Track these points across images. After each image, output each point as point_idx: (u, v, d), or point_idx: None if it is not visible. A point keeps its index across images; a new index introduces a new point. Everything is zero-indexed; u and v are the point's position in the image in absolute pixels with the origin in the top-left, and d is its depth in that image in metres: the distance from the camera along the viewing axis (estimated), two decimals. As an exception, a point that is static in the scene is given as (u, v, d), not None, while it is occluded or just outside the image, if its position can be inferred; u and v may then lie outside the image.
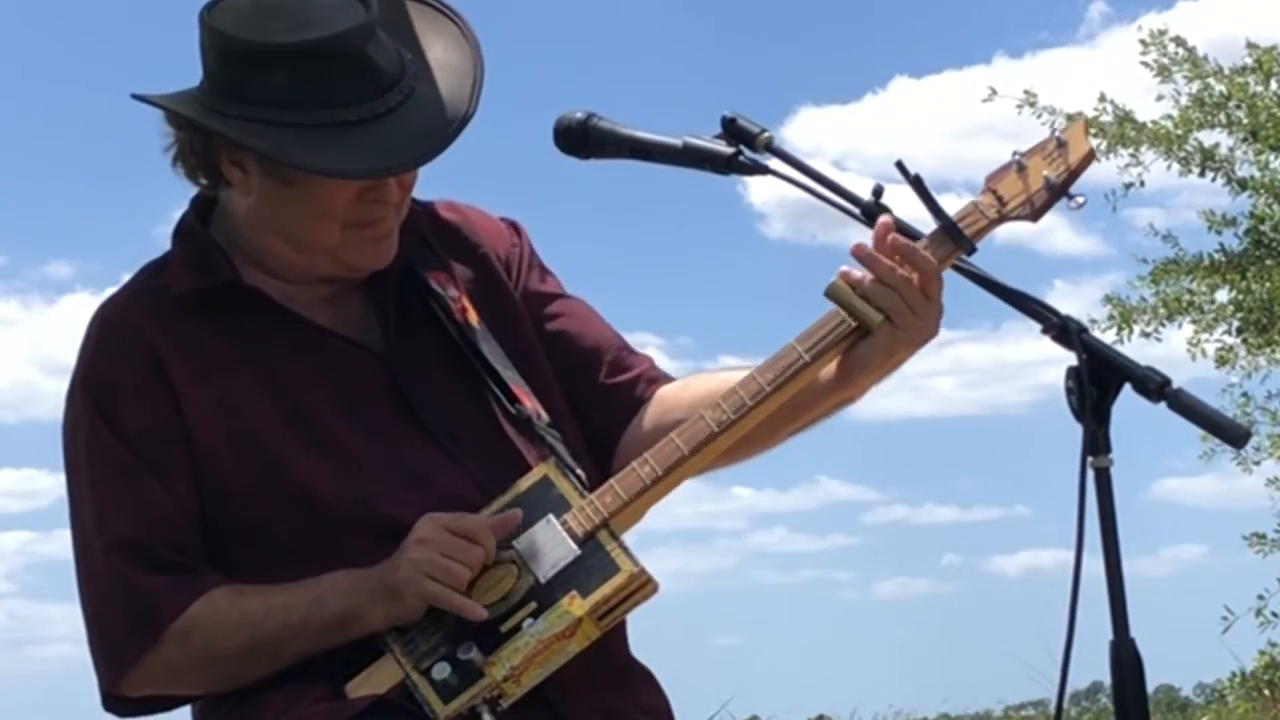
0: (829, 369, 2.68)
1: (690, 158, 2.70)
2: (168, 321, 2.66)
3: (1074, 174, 2.65)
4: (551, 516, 2.60)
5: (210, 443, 2.62)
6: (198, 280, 2.68)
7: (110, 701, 2.66)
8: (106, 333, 2.69)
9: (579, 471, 2.67)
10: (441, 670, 2.53)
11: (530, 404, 2.72)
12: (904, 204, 2.65)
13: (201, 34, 2.62)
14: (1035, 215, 2.65)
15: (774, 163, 2.67)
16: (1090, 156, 2.66)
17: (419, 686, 2.53)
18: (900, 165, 2.56)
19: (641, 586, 2.57)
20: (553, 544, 2.59)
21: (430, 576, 2.53)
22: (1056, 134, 2.67)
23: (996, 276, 2.60)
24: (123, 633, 2.59)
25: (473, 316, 2.77)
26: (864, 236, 2.65)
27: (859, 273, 2.62)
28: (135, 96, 2.61)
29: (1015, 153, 2.67)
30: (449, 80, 2.65)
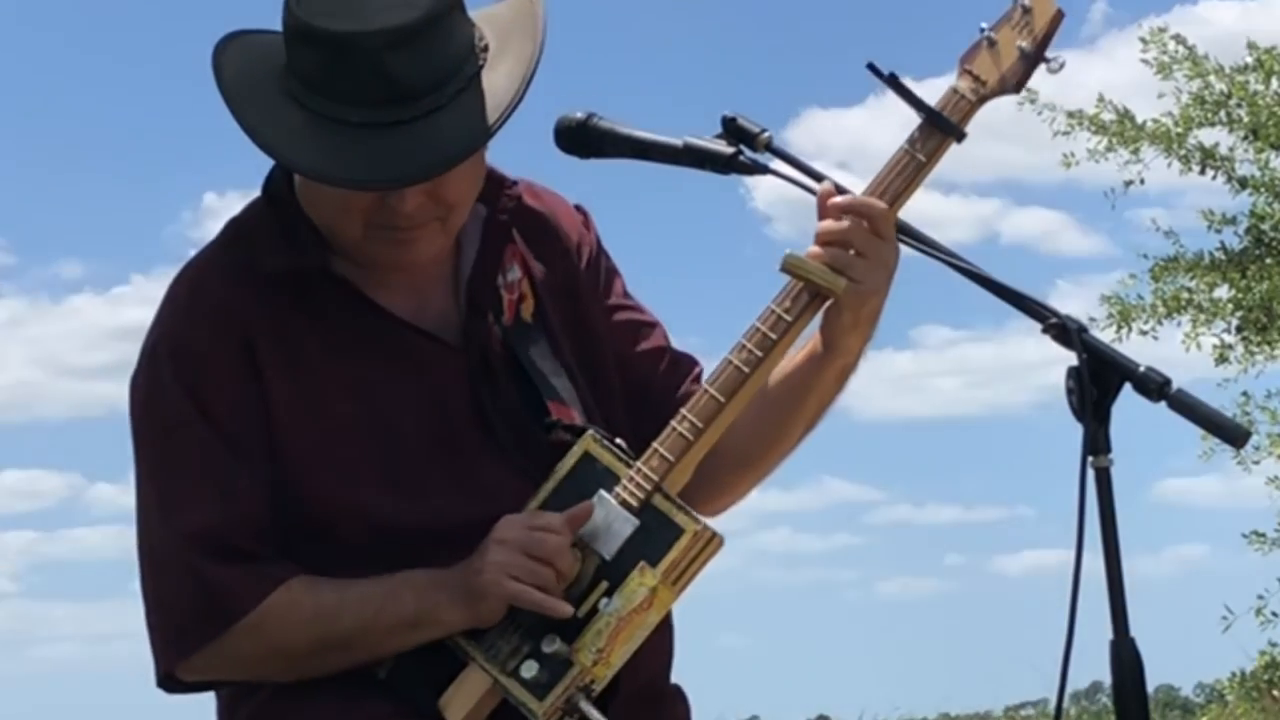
0: (815, 342, 2.67)
1: (691, 158, 2.70)
2: (260, 302, 2.59)
3: (1047, 37, 2.63)
4: (603, 492, 2.58)
5: (288, 437, 2.57)
6: (291, 260, 2.61)
7: (166, 680, 2.62)
8: (199, 304, 2.61)
9: (618, 440, 2.63)
10: (530, 668, 2.51)
11: (560, 416, 2.67)
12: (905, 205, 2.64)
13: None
14: (1017, 87, 2.64)
15: (775, 163, 2.68)
16: (1059, 16, 2.64)
17: (510, 689, 2.51)
18: (871, 66, 2.57)
19: (708, 543, 2.55)
20: (611, 519, 2.56)
21: (514, 577, 2.50)
22: (1022, 1, 2.64)
23: (996, 276, 2.60)
24: (191, 620, 2.54)
25: (527, 309, 2.72)
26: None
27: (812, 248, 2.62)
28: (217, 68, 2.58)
29: (982, 28, 2.64)
30: (489, 104, 2.55)
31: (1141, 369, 2.48)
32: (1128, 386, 2.48)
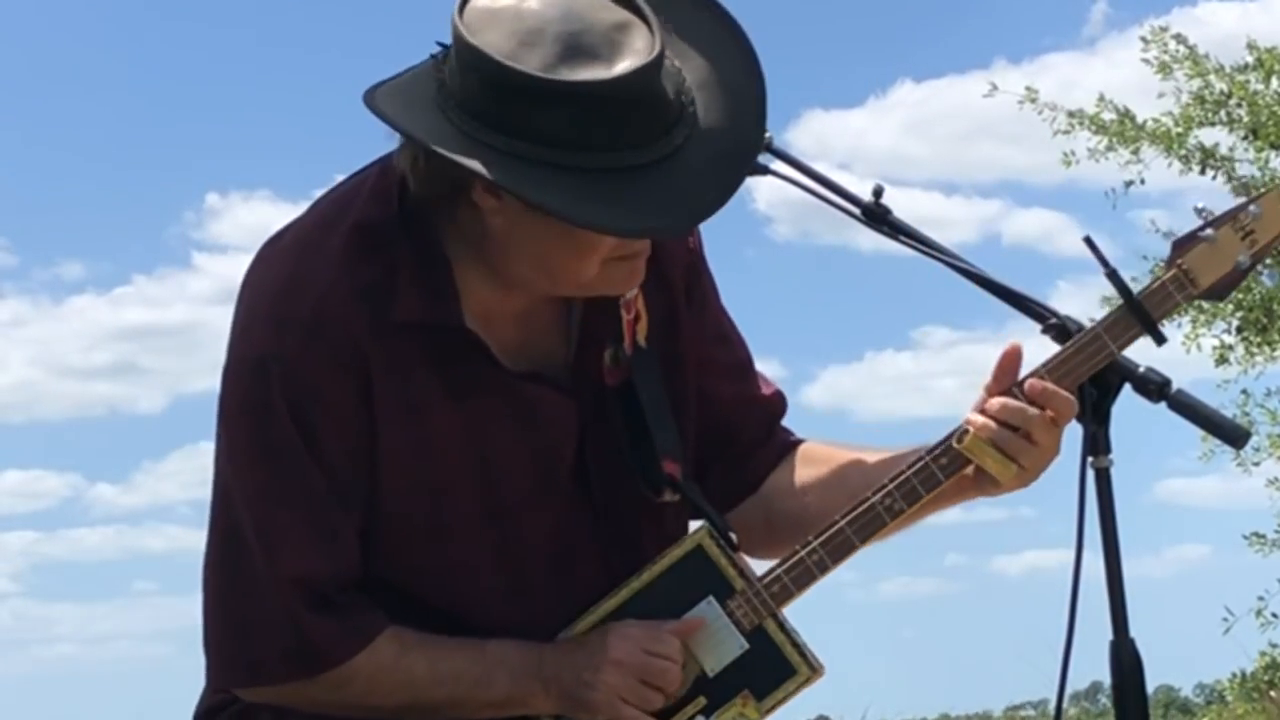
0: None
1: (691, 158, 2.69)
2: (386, 338, 2.41)
3: (1268, 250, 2.52)
4: (713, 599, 2.51)
5: (391, 480, 2.45)
6: (429, 313, 2.43)
7: (222, 689, 2.55)
8: (323, 332, 2.40)
9: (731, 536, 2.55)
10: None
11: (675, 474, 2.56)
12: (903, 205, 2.64)
13: (458, 45, 2.32)
14: (1221, 297, 2.54)
15: (775, 164, 2.67)
16: None
17: None
18: (1088, 240, 2.48)
19: (813, 680, 2.52)
20: (720, 633, 2.50)
21: (626, 701, 2.47)
22: (1251, 207, 2.52)
23: (996, 277, 2.59)
24: (274, 659, 2.46)
25: (642, 331, 2.57)
26: (865, 235, 2.63)
27: (985, 421, 2.49)
28: (370, 105, 2.33)
29: (1199, 213, 2.52)
30: (722, 96, 2.37)
31: (1141, 369, 2.48)
32: (1128, 387, 2.48)
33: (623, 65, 2.28)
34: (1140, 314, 2.49)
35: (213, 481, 2.50)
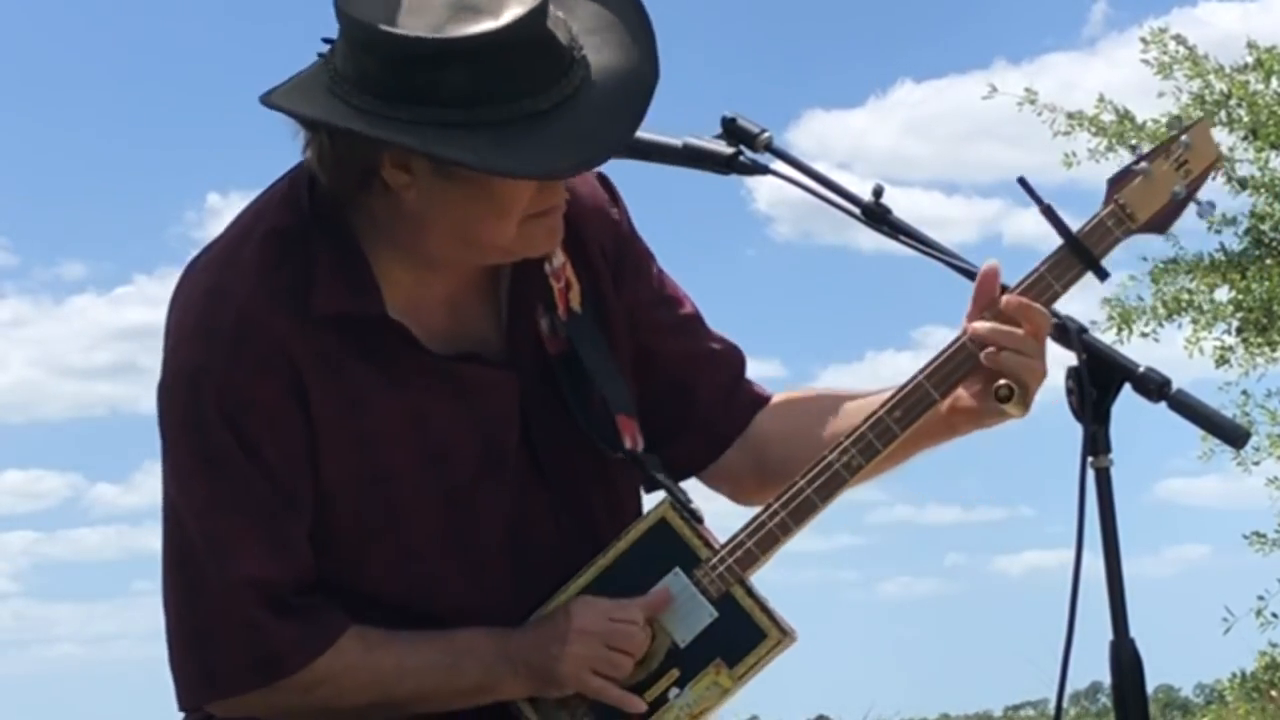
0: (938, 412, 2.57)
1: (690, 158, 2.70)
2: (310, 335, 2.44)
3: (1202, 179, 2.55)
4: (680, 570, 2.52)
5: (337, 474, 2.46)
6: (348, 305, 2.45)
7: (191, 710, 2.54)
8: (249, 341, 2.42)
9: (695, 508, 2.57)
10: None
11: (630, 436, 2.59)
12: (903, 205, 2.64)
13: (346, 25, 2.37)
14: (1162, 229, 2.56)
15: (775, 163, 2.67)
16: (1218, 160, 2.56)
17: None
18: (1022, 182, 2.51)
19: (786, 645, 2.52)
20: (688, 604, 2.51)
21: (595, 671, 2.47)
22: (1183, 136, 2.55)
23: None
24: (238, 667, 2.45)
25: (575, 297, 2.60)
26: (866, 235, 2.64)
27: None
28: (267, 103, 2.38)
29: (1138, 152, 2.58)
30: (612, 37, 2.42)
31: (1141, 369, 2.48)
32: (1128, 387, 2.48)
33: (510, 14, 2.32)
34: (1081, 252, 2.52)
35: (161, 503, 2.52)
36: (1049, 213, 2.52)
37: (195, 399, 2.44)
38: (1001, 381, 2.50)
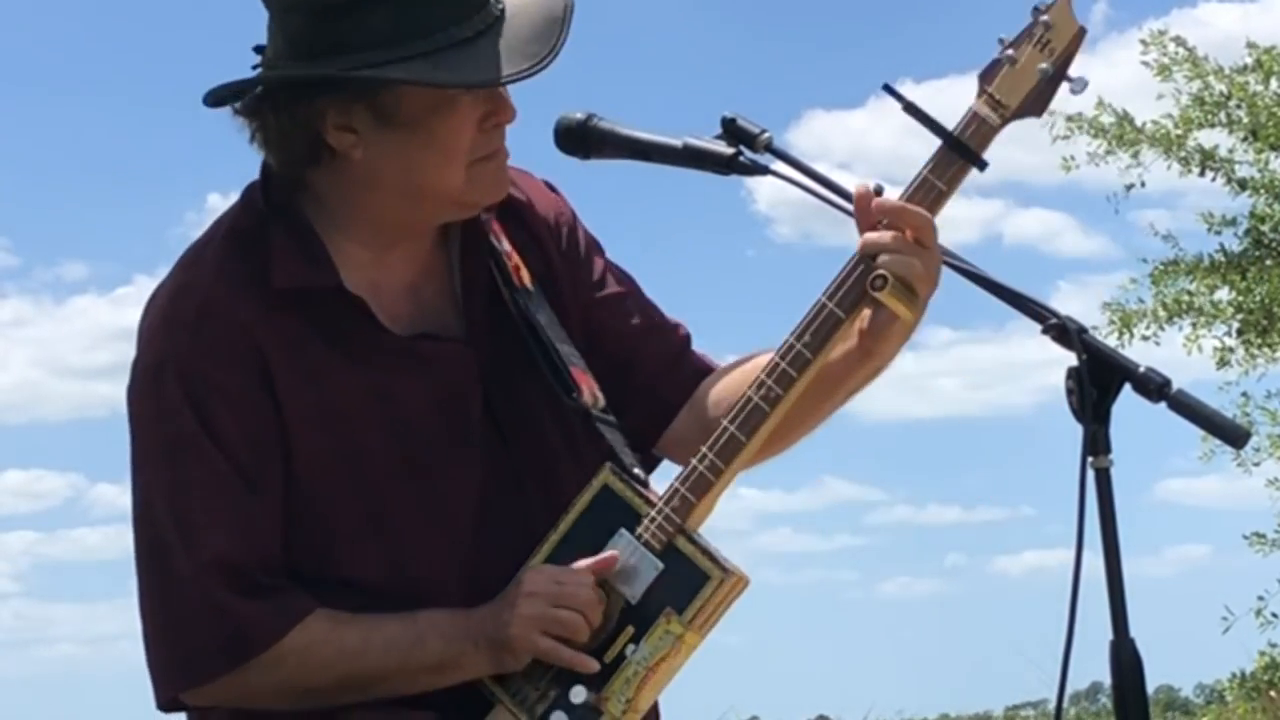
0: (850, 340, 2.60)
1: (690, 158, 2.70)
2: (272, 318, 2.52)
3: (1069, 56, 2.56)
4: (624, 530, 2.56)
5: (306, 453, 2.52)
6: (306, 278, 2.54)
7: (168, 704, 2.57)
8: (209, 325, 2.50)
9: (637, 471, 2.61)
10: (559, 719, 2.52)
11: (588, 389, 2.65)
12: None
13: (266, 1, 2.49)
14: (1039, 110, 2.57)
15: (775, 164, 2.67)
16: (1081, 34, 2.56)
17: None
18: (888, 88, 2.54)
19: (733, 587, 2.54)
20: (634, 561, 2.54)
21: (544, 632, 2.50)
22: (1043, 17, 2.56)
23: (996, 277, 2.59)
24: (207, 651, 2.49)
25: (526, 276, 2.68)
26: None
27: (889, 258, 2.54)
28: (211, 101, 2.50)
29: (1001, 43, 2.57)
30: None
31: (1141, 369, 2.48)
32: (1128, 387, 2.48)
33: None
34: (959, 147, 2.55)
35: (131, 500, 2.56)
36: (917, 112, 2.55)
37: (159, 388, 2.51)
38: (877, 272, 2.52)
